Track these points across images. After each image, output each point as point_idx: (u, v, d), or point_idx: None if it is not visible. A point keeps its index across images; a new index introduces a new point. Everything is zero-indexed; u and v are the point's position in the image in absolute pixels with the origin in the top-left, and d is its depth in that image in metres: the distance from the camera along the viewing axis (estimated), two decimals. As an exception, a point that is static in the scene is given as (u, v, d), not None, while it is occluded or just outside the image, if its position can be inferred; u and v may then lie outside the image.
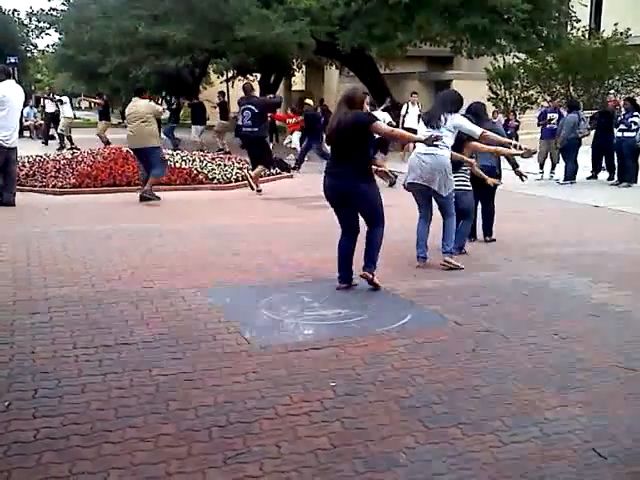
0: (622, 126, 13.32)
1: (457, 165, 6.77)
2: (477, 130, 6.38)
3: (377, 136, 6.08)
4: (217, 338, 4.47)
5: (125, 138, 11.26)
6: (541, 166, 14.39)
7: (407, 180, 6.52)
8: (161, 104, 24.84)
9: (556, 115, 14.88)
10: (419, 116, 12.94)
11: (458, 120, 6.39)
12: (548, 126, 14.64)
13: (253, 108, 12.13)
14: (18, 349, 4.22)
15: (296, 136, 17.92)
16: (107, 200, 10.78)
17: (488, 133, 6.44)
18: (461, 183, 6.93)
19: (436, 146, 6.05)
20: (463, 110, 7.01)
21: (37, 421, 3.29)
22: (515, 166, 7.73)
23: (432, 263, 6.46)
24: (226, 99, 24.74)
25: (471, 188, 7.10)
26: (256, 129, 12.05)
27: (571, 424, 3.34)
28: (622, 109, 14.11)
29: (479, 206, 7.67)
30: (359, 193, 5.52)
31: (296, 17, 18.23)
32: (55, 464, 2.91)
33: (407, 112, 17.24)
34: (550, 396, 3.66)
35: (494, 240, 7.73)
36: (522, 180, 7.79)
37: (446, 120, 6.33)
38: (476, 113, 7.33)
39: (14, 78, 10.12)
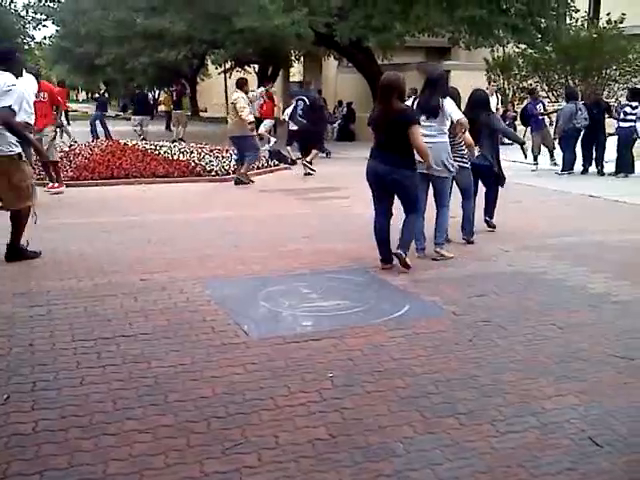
0: (621, 116, 13.40)
1: (453, 144, 6.76)
2: (456, 116, 6.40)
3: None
4: (215, 330, 4.48)
5: (121, 130, 11.30)
6: (535, 158, 14.42)
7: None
8: (158, 96, 24.75)
9: (540, 105, 15.05)
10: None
11: (448, 106, 6.40)
12: (541, 117, 14.75)
13: (306, 101, 13.68)
14: (17, 341, 4.24)
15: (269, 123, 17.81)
16: (105, 193, 10.77)
17: (463, 122, 6.45)
18: (458, 159, 6.89)
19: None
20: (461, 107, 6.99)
21: (36, 413, 3.30)
22: (522, 144, 7.70)
23: (430, 254, 6.46)
24: (187, 90, 24.74)
25: (469, 166, 7.06)
26: (305, 121, 13.58)
27: (568, 413, 3.36)
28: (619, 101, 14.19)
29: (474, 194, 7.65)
30: (402, 180, 5.81)
31: (294, 8, 18.18)
32: (54, 456, 2.92)
33: None
34: (547, 386, 3.68)
35: (494, 227, 7.75)
36: (525, 157, 7.76)
37: (442, 106, 6.37)
38: (478, 102, 7.33)
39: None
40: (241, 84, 12.13)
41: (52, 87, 11.09)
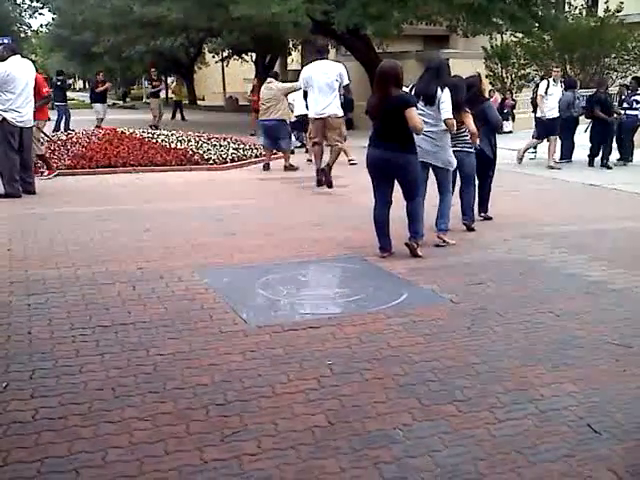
0: (625, 104, 13.37)
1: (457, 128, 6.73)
2: (445, 115, 6.30)
3: None
4: (214, 318, 4.48)
5: (117, 118, 11.33)
6: (534, 146, 14.38)
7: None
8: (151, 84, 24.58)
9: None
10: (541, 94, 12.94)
11: (444, 98, 6.33)
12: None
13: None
14: (15, 330, 4.23)
15: None
16: (102, 181, 10.74)
17: (451, 123, 6.35)
18: (463, 145, 6.93)
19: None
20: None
21: (35, 401, 3.30)
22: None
23: (428, 242, 6.46)
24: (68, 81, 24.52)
25: (473, 151, 7.05)
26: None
27: (566, 400, 3.37)
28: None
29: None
30: (405, 164, 5.84)
31: (292, -5, 18.07)
32: (54, 444, 2.92)
33: (547, 90, 13.49)
34: (545, 373, 3.68)
35: (490, 218, 7.74)
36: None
37: (439, 96, 6.32)
38: (474, 93, 7.25)
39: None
40: (276, 75, 13.34)
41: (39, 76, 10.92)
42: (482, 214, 7.77)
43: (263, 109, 12.34)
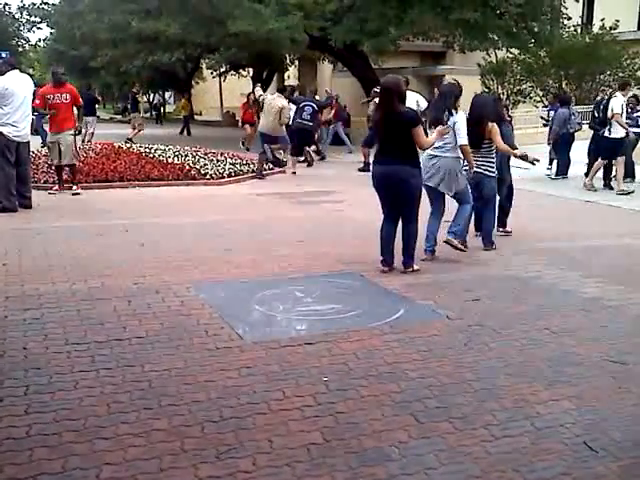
0: (629, 122, 13.32)
1: (482, 149, 6.84)
2: (461, 140, 6.36)
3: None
4: (209, 333, 4.47)
5: (114, 133, 11.39)
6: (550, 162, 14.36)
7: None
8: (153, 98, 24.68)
9: (552, 112, 14.98)
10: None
11: (459, 121, 6.37)
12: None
13: (314, 106, 15.00)
14: (10, 345, 4.21)
15: None
16: (99, 196, 10.73)
17: (466, 149, 6.43)
18: (485, 166, 6.94)
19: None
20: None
21: (29, 417, 3.29)
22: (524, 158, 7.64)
23: (423, 259, 6.46)
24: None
25: (495, 174, 7.05)
26: (311, 123, 14.96)
27: (562, 418, 3.36)
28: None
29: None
30: (407, 178, 5.82)
31: (289, 12, 18.19)
32: (48, 460, 2.90)
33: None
34: (541, 390, 3.68)
35: (509, 232, 7.80)
36: (534, 164, 7.74)
37: (450, 118, 6.34)
38: (498, 115, 7.24)
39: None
40: (281, 90, 14.71)
41: (73, 87, 11.07)
42: (500, 229, 7.79)
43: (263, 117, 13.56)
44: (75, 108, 10.88)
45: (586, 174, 12.71)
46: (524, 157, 7.23)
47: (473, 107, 7.03)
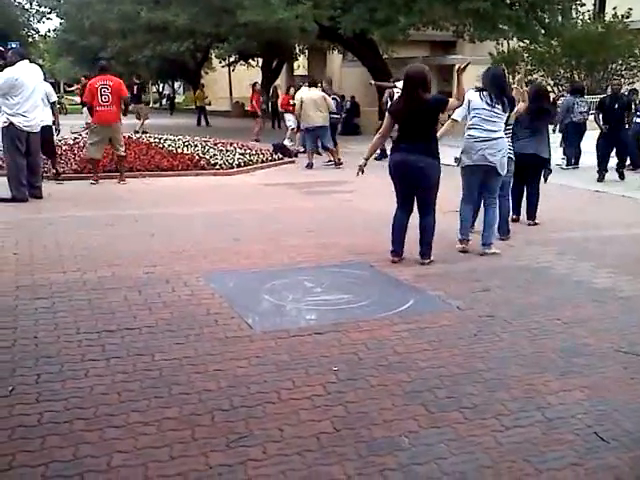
0: (639, 113, 13.27)
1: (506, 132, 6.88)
2: (454, 115, 6.51)
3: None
4: (219, 323, 4.48)
5: (123, 123, 11.54)
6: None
7: (466, 162, 6.51)
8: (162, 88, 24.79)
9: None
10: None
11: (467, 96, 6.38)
12: None
13: (337, 99, 15.14)
14: (21, 334, 4.23)
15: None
16: (109, 186, 10.76)
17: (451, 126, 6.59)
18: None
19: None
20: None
21: (41, 405, 3.30)
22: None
23: (434, 250, 6.43)
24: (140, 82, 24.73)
25: (513, 157, 7.03)
26: (337, 116, 15.14)
27: (573, 408, 3.34)
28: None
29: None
30: (427, 167, 5.79)
31: (298, 1, 18.12)
32: (59, 448, 2.92)
33: None
34: (552, 380, 3.66)
35: (537, 224, 7.87)
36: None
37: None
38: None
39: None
40: (313, 83, 14.52)
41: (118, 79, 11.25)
42: (530, 222, 7.91)
43: (305, 115, 13.65)
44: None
45: (599, 172, 12.19)
46: None
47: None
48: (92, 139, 10.97)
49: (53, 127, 10.77)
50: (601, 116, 12.31)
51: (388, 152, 6.75)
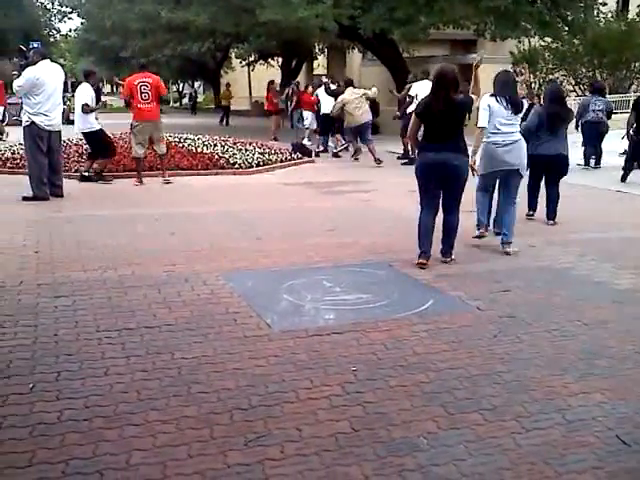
0: None
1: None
2: (480, 123, 6.53)
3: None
4: (238, 322, 4.49)
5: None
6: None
7: (488, 169, 6.60)
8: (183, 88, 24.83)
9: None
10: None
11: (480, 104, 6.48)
12: None
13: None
14: (42, 332, 4.27)
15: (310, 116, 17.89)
16: (128, 185, 10.82)
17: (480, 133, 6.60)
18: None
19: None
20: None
21: (60, 403, 3.33)
22: None
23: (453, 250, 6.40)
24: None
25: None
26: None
27: (594, 411, 3.31)
28: None
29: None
30: (461, 165, 5.85)
31: (318, 0, 18.11)
32: (78, 445, 2.94)
33: None
34: (573, 382, 3.63)
35: (556, 224, 7.88)
36: None
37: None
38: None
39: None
40: (349, 83, 14.97)
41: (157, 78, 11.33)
42: (550, 222, 7.91)
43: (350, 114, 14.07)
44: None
45: (624, 170, 11.84)
46: None
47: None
48: (137, 139, 11.00)
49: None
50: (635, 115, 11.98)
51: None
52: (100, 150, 11.05)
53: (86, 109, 10.66)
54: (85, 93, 10.78)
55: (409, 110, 15.16)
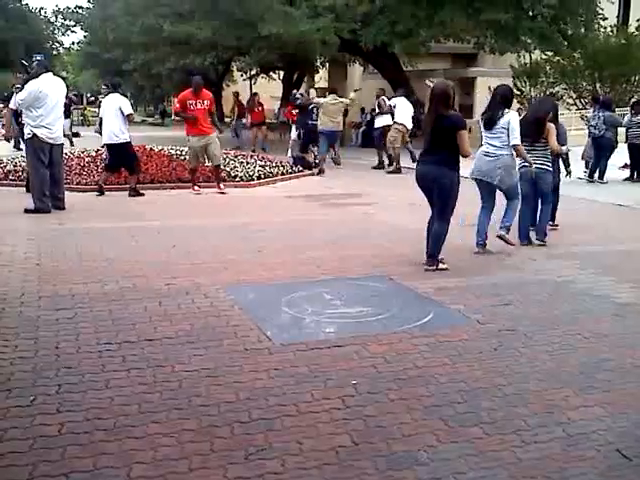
0: None
1: (539, 146, 7.21)
2: (514, 140, 6.72)
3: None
4: (239, 335, 4.49)
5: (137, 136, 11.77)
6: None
7: (472, 175, 6.97)
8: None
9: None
10: None
11: (512, 121, 6.71)
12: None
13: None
14: (43, 344, 4.27)
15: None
16: (130, 198, 10.83)
17: (519, 149, 6.84)
18: (543, 162, 7.26)
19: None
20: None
21: (61, 415, 3.33)
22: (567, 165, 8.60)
23: (454, 263, 6.41)
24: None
25: (552, 169, 7.36)
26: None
27: (594, 424, 3.31)
28: None
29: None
30: (441, 176, 6.06)
31: (319, 14, 18.21)
32: (79, 458, 2.94)
33: None
34: (573, 396, 3.63)
35: (557, 226, 8.07)
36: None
37: (501, 118, 6.73)
38: (556, 116, 7.59)
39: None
40: (334, 91, 15.50)
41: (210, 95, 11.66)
42: (550, 223, 7.98)
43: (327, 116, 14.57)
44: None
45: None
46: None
47: (535, 107, 7.87)
48: (191, 153, 11.49)
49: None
50: None
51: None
52: (124, 163, 11.08)
53: (131, 118, 10.87)
54: (126, 103, 10.93)
55: (378, 124, 15.73)
